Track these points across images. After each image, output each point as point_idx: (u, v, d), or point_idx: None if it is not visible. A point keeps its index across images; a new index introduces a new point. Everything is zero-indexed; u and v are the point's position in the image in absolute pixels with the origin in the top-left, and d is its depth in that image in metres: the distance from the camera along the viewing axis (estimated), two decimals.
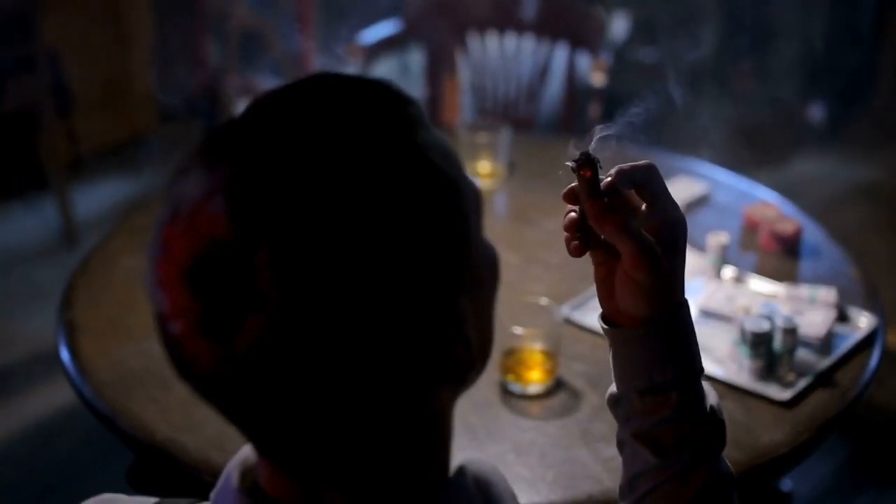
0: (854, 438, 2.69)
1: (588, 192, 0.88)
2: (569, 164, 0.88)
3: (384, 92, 0.73)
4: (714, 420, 0.93)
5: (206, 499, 0.81)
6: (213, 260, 0.65)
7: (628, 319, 0.92)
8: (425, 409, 0.75)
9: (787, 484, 2.19)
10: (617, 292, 0.91)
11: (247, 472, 0.78)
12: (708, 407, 0.93)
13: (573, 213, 0.90)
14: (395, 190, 0.68)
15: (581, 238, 0.90)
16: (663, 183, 0.89)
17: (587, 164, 0.87)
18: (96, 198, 4.00)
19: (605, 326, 0.94)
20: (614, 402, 0.95)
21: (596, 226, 0.88)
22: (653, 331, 0.90)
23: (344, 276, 0.65)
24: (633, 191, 0.90)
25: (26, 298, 3.40)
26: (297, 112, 0.70)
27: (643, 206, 0.90)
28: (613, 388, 0.95)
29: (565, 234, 0.91)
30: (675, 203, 0.90)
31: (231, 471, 0.78)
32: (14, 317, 3.31)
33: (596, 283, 0.93)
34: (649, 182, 0.88)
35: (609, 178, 0.88)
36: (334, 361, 0.67)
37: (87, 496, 0.86)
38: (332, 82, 0.72)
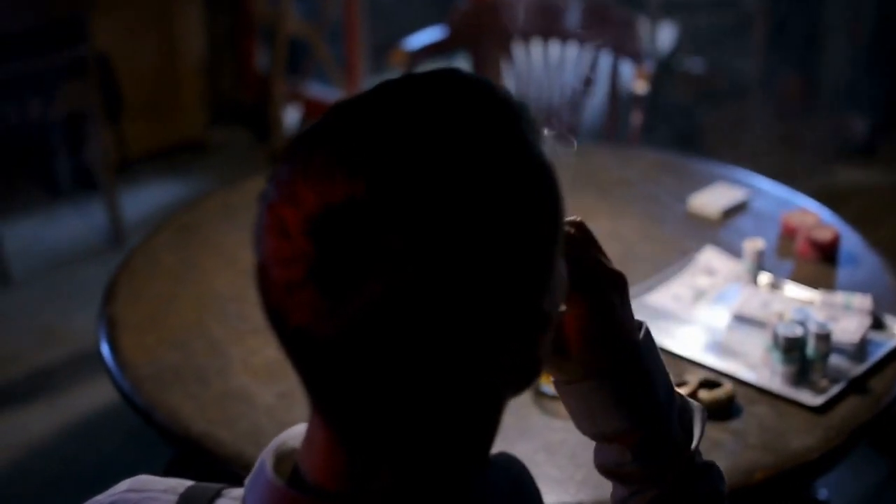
0: (893, 455, 2.66)
1: None
2: None
3: (489, 83, 0.74)
4: (687, 460, 0.91)
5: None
6: (345, 217, 0.66)
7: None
8: (495, 394, 0.77)
9: (823, 493, 2.18)
10: None
11: (283, 458, 0.78)
12: (690, 449, 0.91)
13: None
14: (517, 173, 0.70)
15: None
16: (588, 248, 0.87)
17: None
18: (144, 200, 4.06)
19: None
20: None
21: None
22: (585, 387, 0.89)
23: (468, 253, 0.67)
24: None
25: (73, 298, 3.46)
26: (425, 95, 0.71)
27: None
28: None
29: None
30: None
31: (265, 457, 0.78)
32: (61, 315, 3.37)
33: None
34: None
35: None
36: (439, 334, 0.67)
37: None
38: (451, 73, 0.74)
